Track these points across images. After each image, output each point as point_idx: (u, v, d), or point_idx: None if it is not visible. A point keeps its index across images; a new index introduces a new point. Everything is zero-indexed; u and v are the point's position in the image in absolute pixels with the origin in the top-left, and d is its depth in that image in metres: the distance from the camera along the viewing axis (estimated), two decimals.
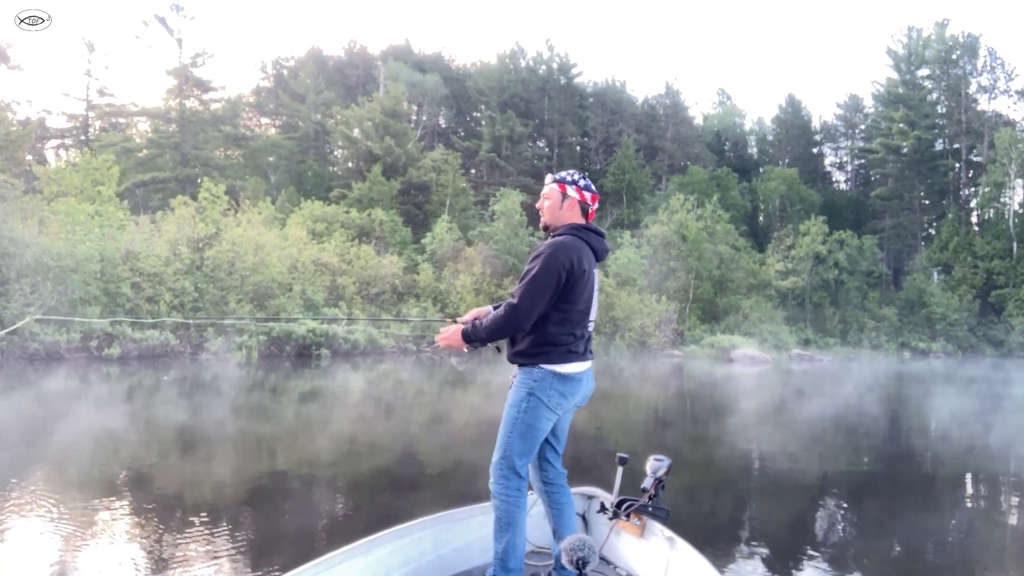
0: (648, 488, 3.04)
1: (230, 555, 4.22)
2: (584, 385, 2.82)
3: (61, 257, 18.50)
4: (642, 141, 53.16)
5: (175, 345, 20.31)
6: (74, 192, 24.68)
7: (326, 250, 27.47)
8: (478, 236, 33.63)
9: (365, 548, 2.74)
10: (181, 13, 41.56)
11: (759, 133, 65.59)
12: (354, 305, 25.48)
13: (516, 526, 2.72)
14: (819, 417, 12.33)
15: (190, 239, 23.25)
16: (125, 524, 4.87)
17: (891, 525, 5.58)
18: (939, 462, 8.83)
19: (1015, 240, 42.22)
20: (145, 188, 39.46)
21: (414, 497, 5.90)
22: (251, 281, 22.93)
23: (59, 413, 9.84)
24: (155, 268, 21.37)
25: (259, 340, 21.32)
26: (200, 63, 42.59)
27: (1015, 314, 39.32)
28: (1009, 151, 42.22)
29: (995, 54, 49.75)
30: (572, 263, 2.64)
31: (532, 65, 54.09)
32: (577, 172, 2.91)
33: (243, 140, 46.04)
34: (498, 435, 2.77)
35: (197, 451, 7.68)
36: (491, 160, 48.69)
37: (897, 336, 40.12)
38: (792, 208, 48.68)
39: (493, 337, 2.72)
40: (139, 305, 20.37)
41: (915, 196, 50.84)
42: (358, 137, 43.04)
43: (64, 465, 6.66)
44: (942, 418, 13.09)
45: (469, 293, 28.93)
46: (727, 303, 37.75)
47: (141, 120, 45.24)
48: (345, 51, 56.58)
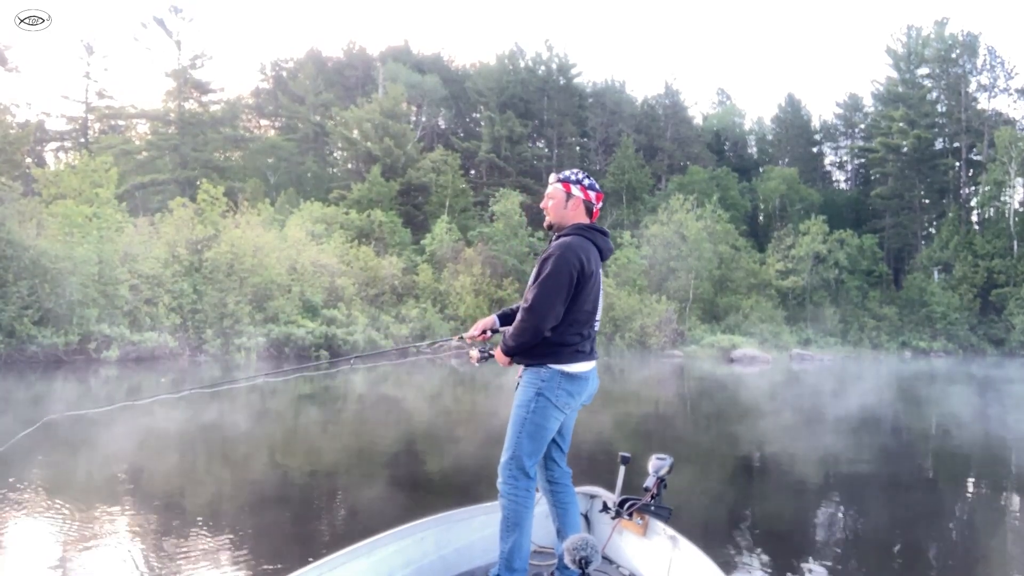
0: (650, 487, 3.04)
1: (231, 557, 4.17)
2: (590, 384, 2.85)
3: (59, 259, 18.44)
4: (642, 141, 53.13)
5: (174, 347, 20.26)
6: (72, 194, 24.64)
7: (325, 251, 27.43)
8: (477, 237, 33.60)
9: (367, 549, 2.74)
10: (180, 15, 41.67)
11: (759, 133, 65.57)
12: (353, 306, 25.42)
13: (523, 526, 2.74)
14: (821, 416, 12.28)
15: (189, 241, 23.21)
16: (124, 527, 4.80)
17: (895, 523, 5.53)
18: (943, 461, 8.78)
19: (1015, 239, 42.13)
20: (144, 190, 39.41)
21: (415, 497, 5.86)
22: (250, 283, 22.88)
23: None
24: (153, 270, 21.34)
25: (258, 342, 21.28)
26: (199, 65, 42.65)
27: (1016, 313, 39.22)
28: (1009, 150, 42.16)
29: (995, 53, 49.72)
30: (582, 263, 2.67)
31: (531, 65, 54.06)
32: (581, 171, 2.91)
33: (242, 142, 46.05)
34: (506, 435, 2.78)
35: (207, 454, 7.63)
36: (491, 161, 48.65)
37: (898, 335, 40.06)
38: (792, 208, 48.65)
39: (521, 345, 2.72)
40: (137, 307, 20.33)
41: (915, 195, 50.77)
42: (357, 138, 43.03)
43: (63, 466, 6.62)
44: (945, 416, 13.03)
45: (469, 294, 28.89)
46: (727, 303, 37.72)
47: (140, 122, 45.30)
48: (344, 52, 56.60)
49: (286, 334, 21.97)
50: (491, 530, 2.86)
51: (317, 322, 23.31)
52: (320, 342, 22.52)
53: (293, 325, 22.50)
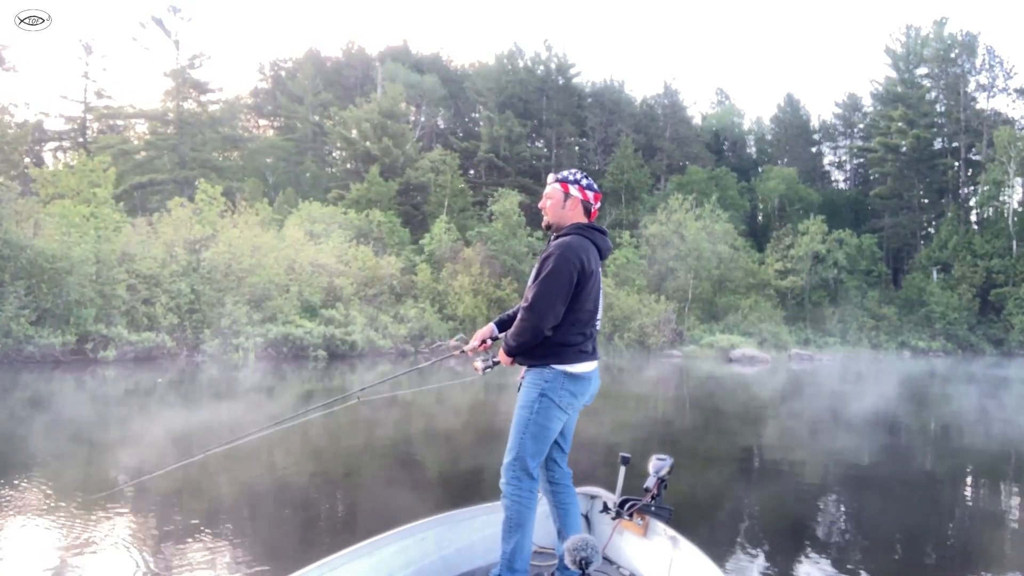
0: (651, 488, 3.04)
1: (229, 559, 4.14)
2: (592, 384, 2.87)
3: (56, 259, 18.40)
4: (641, 141, 53.06)
5: (171, 347, 20.22)
6: (70, 194, 24.62)
7: (323, 251, 27.38)
8: (476, 236, 33.53)
9: (368, 549, 2.75)
10: (178, 15, 41.62)
11: (758, 132, 65.55)
12: (351, 306, 25.37)
13: (526, 527, 2.76)
14: (821, 416, 12.24)
15: (187, 241, 23.17)
16: (124, 528, 4.75)
17: (896, 523, 5.50)
18: (945, 459, 8.74)
19: (1014, 238, 42.08)
20: (143, 190, 39.35)
21: (414, 498, 5.83)
22: (248, 283, 22.84)
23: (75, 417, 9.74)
24: (151, 270, 21.30)
25: (256, 342, 21.24)
26: (198, 64, 42.62)
27: (1015, 313, 39.19)
28: (1008, 149, 42.11)
29: (993, 52, 49.66)
30: (582, 263, 2.69)
31: (530, 65, 54.01)
32: (579, 171, 2.92)
33: (241, 142, 45.99)
34: (510, 436, 2.79)
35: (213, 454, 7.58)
36: (490, 160, 48.61)
37: (897, 335, 40.00)
38: (791, 207, 48.60)
39: (522, 345, 2.74)
40: (135, 307, 20.29)
41: (914, 195, 50.75)
42: (356, 138, 42.97)
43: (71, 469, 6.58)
44: (944, 416, 13.00)
45: (467, 294, 28.84)
46: (726, 303, 37.67)
47: (139, 122, 45.23)
48: (343, 52, 56.53)
49: (284, 334, 21.92)
50: (492, 530, 2.86)
51: (315, 322, 23.26)
52: (318, 342, 22.47)
53: (291, 325, 22.45)
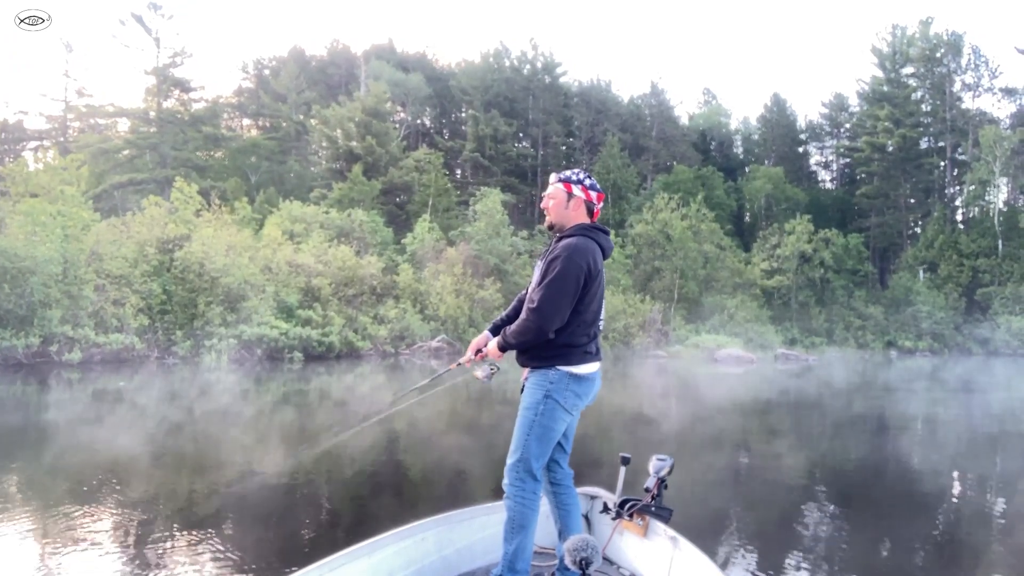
0: (651, 488, 3.05)
1: (223, 563, 4.09)
2: (595, 385, 2.88)
3: (19, 259, 17.88)
4: (627, 140, 52.92)
5: (141, 349, 19.74)
6: (42, 192, 24.04)
7: (302, 251, 26.93)
8: (459, 236, 33.15)
9: (368, 549, 2.75)
10: (159, 12, 40.98)
11: (744, 132, 65.61)
12: (330, 306, 24.93)
13: (528, 528, 2.77)
14: (821, 416, 12.08)
15: (159, 240, 22.69)
16: (122, 530, 4.67)
17: (896, 523, 5.46)
18: (941, 460, 8.54)
19: (1000, 238, 42.11)
20: (124, 189, 38.75)
21: (415, 498, 5.84)
22: (222, 283, 22.35)
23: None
24: (121, 270, 20.80)
25: (229, 344, 20.78)
26: (179, 63, 42.04)
27: (1001, 312, 39.18)
28: (994, 148, 42.15)
29: (979, 52, 49.78)
30: (589, 265, 2.68)
31: (516, 64, 53.79)
32: (582, 171, 2.90)
33: (223, 141, 45.43)
34: (513, 437, 2.79)
35: (200, 455, 7.22)
36: (475, 160, 48.31)
37: (883, 335, 39.95)
38: (778, 207, 48.56)
39: (521, 344, 2.74)
40: (104, 308, 19.78)
41: (900, 194, 50.80)
42: (338, 137, 42.49)
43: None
44: (934, 416, 12.78)
45: (449, 294, 28.44)
46: (712, 302, 37.43)
47: (120, 121, 44.67)
48: (328, 51, 56.18)
49: (259, 335, 21.46)
50: (492, 530, 2.91)
51: (292, 323, 22.82)
52: (294, 344, 22.06)
53: (266, 326, 21.99)
